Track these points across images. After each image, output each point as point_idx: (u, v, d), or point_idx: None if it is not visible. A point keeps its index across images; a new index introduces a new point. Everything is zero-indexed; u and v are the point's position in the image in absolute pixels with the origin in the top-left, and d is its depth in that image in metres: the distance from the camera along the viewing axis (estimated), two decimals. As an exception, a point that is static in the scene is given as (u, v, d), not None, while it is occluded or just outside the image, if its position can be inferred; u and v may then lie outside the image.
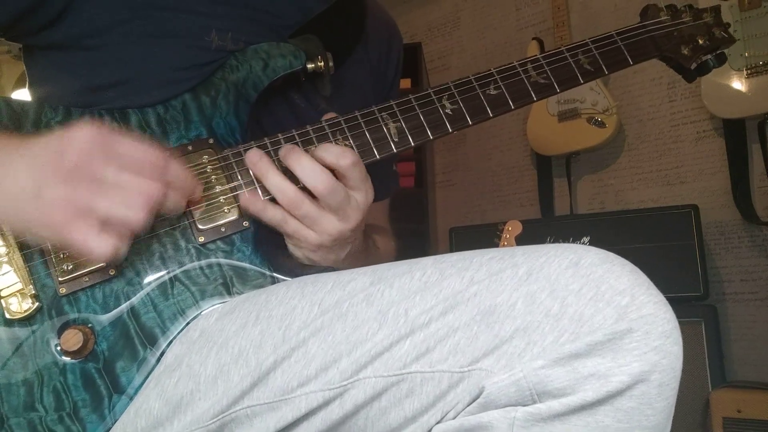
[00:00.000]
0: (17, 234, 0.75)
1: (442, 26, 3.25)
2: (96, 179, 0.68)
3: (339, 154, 0.83)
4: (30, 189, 0.67)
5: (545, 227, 2.37)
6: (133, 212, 0.69)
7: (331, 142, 0.87)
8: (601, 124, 2.47)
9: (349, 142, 0.87)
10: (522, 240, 1.92)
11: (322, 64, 0.93)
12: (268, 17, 0.96)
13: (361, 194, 0.86)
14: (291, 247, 0.89)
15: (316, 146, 0.85)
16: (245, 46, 0.92)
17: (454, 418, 0.63)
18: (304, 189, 0.83)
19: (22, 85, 0.99)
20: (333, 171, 0.83)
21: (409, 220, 2.94)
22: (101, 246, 0.68)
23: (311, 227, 0.84)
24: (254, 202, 0.83)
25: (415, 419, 0.64)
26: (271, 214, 0.84)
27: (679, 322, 0.61)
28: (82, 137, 0.68)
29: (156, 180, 0.71)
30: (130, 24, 0.88)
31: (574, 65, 0.98)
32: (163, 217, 0.80)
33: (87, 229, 0.68)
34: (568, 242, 0.67)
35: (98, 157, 0.68)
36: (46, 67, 0.93)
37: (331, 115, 0.90)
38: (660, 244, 2.13)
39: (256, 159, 0.83)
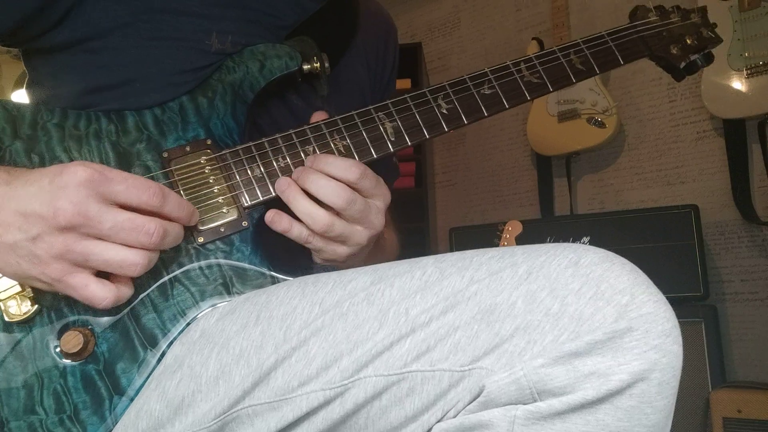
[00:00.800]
0: (17, 280, 0.74)
1: (442, 26, 3.26)
2: (92, 228, 0.68)
3: (344, 168, 0.84)
4: (24, 238, 0.67)
5: (545, 227, 2.37)
6: (132, 257, 0.70)
7: (331, 149, 0.87)
8: (601, 125, 2.47)
9: (347, 142, 0.88)
10: (522, 240, 1.92)
11: (318, 65, 0.94)
12: (266, 18, 0.97)
13: (379, 199, 0.88)
14: (318, 260, 0.90)
15: (316, 156, 0.86)
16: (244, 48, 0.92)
17: (454, 416, 0.63)
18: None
19: (22, 86, 0.99)
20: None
21: (409, 220, 2.94)
22: (101, 294, 0.69)
23: (344, 243, 0.86)
24: (280, 221, 0.85)
25: (415, 418, 0.64)
26: (297, 232, 0.85)
27: (679, 322, 0.61)
28: (75, 181, 0.67)
29: (153, 224, 0.71)
30: (132, 27, 0.88)
31: (566, 65, 1.00)
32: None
33: (85, 278, 0.69)
34: (568, 242, 0.67)
35: (93, 202, 0.68)
36: (45, 69, 0.93)
37: (321, 114, 0.91)
38: (660, 244, 2.13)
39: (284, 187, 0.85)
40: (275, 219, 0.85)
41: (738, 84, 2.16)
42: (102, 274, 0.71)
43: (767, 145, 2.20)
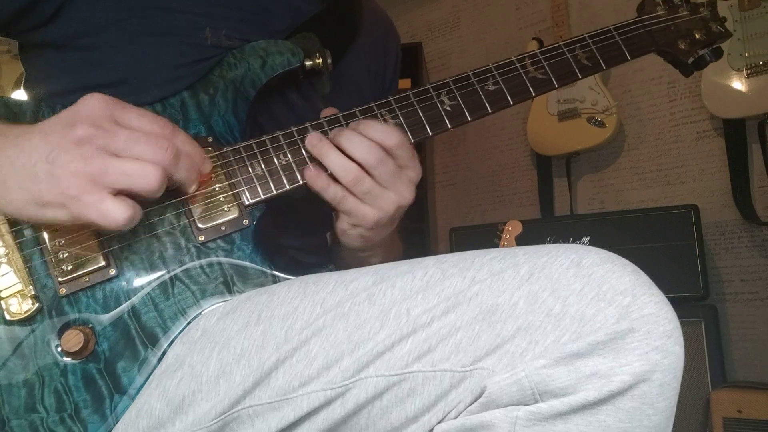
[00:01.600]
0: (33, 216, 0.72)
1: (442, 26, 3.26)
2: (107, 144, 0.68)
3: (385, 132, 0.85)
4: (43, 161, 0.67)
5: (545, 227, 2.37)
6: (147, 175, 0.69)
7: (303, 158, 0.87)
8: (601, 124, 2.47)
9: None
10: (522, 240, 1.92)
11: (321, 61, 0.93)
12: (260, 19, 0.97)
13: (412, 171, 0.89)
14: (346, 227, 0.90)
15: (357, 122, 0.86)
16: (239, 42, 0.92)
17: (455, 417, 0.63)
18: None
19: (21, 86, 1.00)
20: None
21: (409, 220, 2.94)
22: (117, 212, 0.67)
23: (371, 204, 0.86)
24: (317, 178, 0.85)
25: (416, 419, 0.64)
26: (333, 192, 0.85)
27: (680, 323, 0.62)
28: (91, 106, 0.69)
29: (166, 141, 0.71)
30: (126, 23, 0.88)
31: (571, 60, 0.99)
32: (162, 214, 0.80)
33: (102, 195, 0.67)
34: (568, 242, 0.67)
35: (108, 122, 0.69)
36: (42, 66, 0.93)
37: (330, 110, 0.91)
38: (660, 244, 2.13)
39: (315, 141, 0.85)
40: (314, 175, 0.85)
41: (738, 84, 2.16)
42: None
43: (767, 145, 2.19)
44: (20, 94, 1.00)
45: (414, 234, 2.93)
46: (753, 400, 1.85)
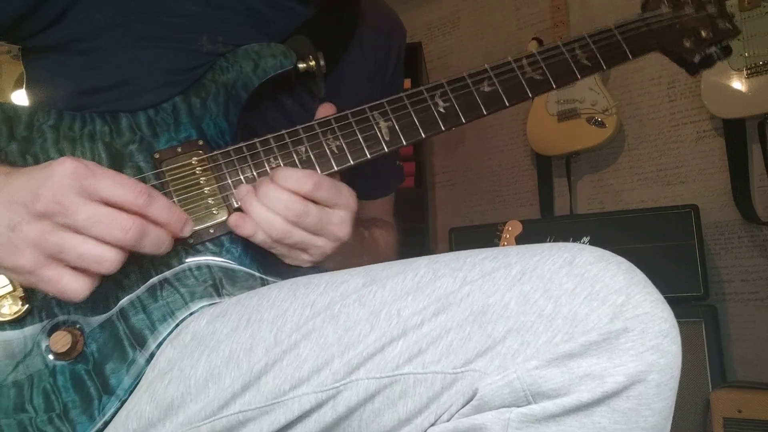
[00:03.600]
0: None
1: (442, 26, 3.26)
2: (67, 217, 0.66)
3: (298, 180, 0.81)
4: (5, 225, 0.67)
5: (545, 227, 2.37)
6: (102, 260, 0.68)
7: (324, 149, 0.86)
8: (600, 124, 2.47)
9: (340, 142, 0.87)
10: (522, 240, 1.91)
11: (314, 63, 0.92)
12: (259, 23, 0.96)
13: (341, 209, 0.85)
14: (286, 260, 0.88)
15: (275, 169, 0.83)
16: (235, 49, 0.91)
17: (448, 420, 0.62)
18: None
19: (21, 86, 1.00)
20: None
21: (409, 220, 2.94)
22: (73, 290, 0.68)
23: (304, 251, 0.84)
24: (243, 226, 0.82)
25: (408, 421, 0.63)
26: (261, 238, 0.82)
27: (679, 322, 0.61)
28: (61, 171, 0.67)
29: (130, 220, 0.69)
30: (124, 28, 0.88)
31: (570, 60, 0.96)
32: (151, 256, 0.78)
33: (59, 272, 0.68)
34: (567, 242, 0.66)
35: (73, 194, 0.67)
36: (41, 69, 0.93)
37: (327, 107, 0.90)
38: (660, 244, 2.12)
39: (243, 193, 0.82)
40: (239, 223, 0.82)
41: (738, 84, 2.16)
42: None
43: (767, 145, 2.19)
44: (20, 95, 1.00)
45: (414, 234, 2.93)
46: (753, 400, 1.85)
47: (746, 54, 2.14)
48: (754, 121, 2.22)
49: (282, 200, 0.80)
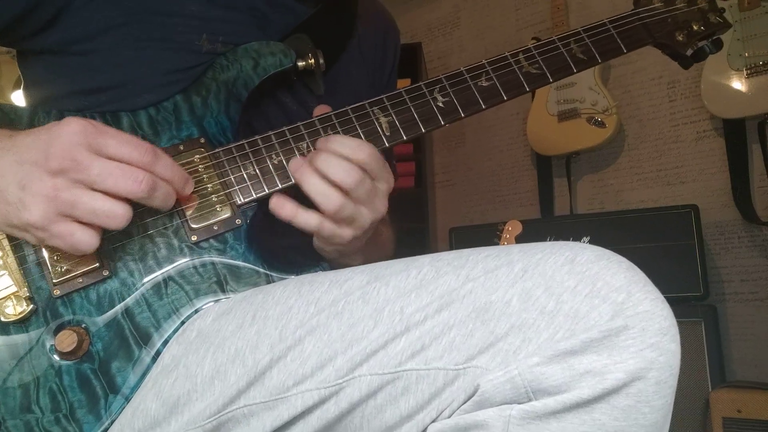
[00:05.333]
0: (5, 231, 0.75)
1: (442, 26, 3.26)
2: (80, 177, 0.68)
3: (355, 147, 0.83)
4: (15, 186, 0.68)
5: (545, 227, 2.37)
6: (114, 215, 0.70)
7: (340, 133, 0.87)
8: (601, 124, 2.47)
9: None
10: (522, 240, 1.92)
11: (313, 61, 0.93)
12: (259, 22, 0.97)
13: (384, 183, 0.87)
14: (320, 244, 0.89)
15: (327, 137, 0.85)
16: (235, 48, 0.92)
17: (449, 416, 0.63)
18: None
19: (21, 86, 1.00)
20: None
21: (409, 220, 2.94)
22: (84, 241, 0.69)
23: (348, 225, 0.85)
24: (283, 207, 0.83)
25: (410, 417, 0.64)
26: (304, 220, 0.84)
27: (679, 322, 0.61)
28: (69, 130, 0.68)
29: (142, 173, 0.70)
30: (124, 28, 0.88)
31: (566, 54, 0.98)
32: (155, 214, 0.80)
33: (70, 227, 0.69)
34: (569, 241, 0.67)
35: (84, 150, 0.68)
36: (39, 71, 0.93)
37: (323, 108, 0.91)
38: (660, 244, 2.12)
39: (297, 166, 0.84)
40: (278, 204, 0.83)
41: (738, 84, 2.16)
42: None
43: (767, 145, 2.19)
44: (19, 96, 1.00)
45: (414, 234, 2.93)
46: (752, 400, 1.85)
47: (746, 54, 2.14)
48: (754, 121, 2.23)
49: (343, 167, 0.81)
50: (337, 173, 0.81)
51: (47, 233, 0.69)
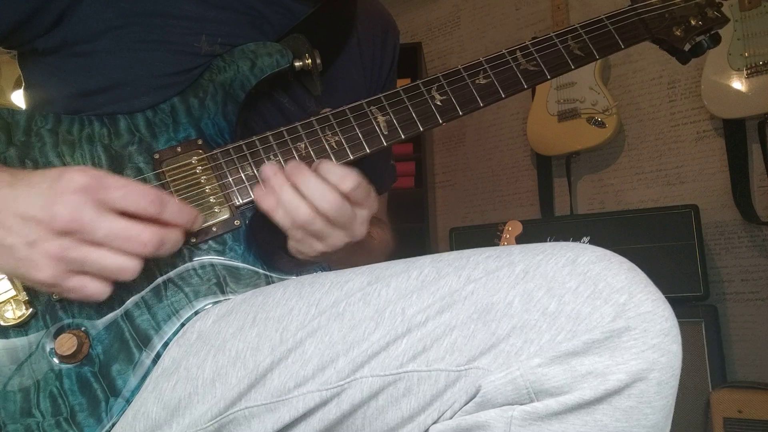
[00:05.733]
0: (18, 280, 0.76)
1: (442, 26, 3.26)
2: (86, 234, 0.67)
3: (341, 176, 0.81)
4: (23, 245, 0.67)
5: (545, 227, 2.37)
6: (125, 271, 0.70)
7: (323, 144, 0.86)
8: (601, 124, 2.47)
9: (339, 137, 0.87)
10: (522, 240, 1.91)
11: (310, 62, 0.93)
12: (257, 22, 0.96)
13: (366, 210, 0.85)
14: (293, 247, 0.88)
15: (317, 162, 0.84)
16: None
17: (451, 417, 0.63)
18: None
19: (21, 87, 1.00)
20: None
21: (409, 220, 2.94)
22: (97, 292, 0.70)
23: (320, 239, 0.84)
24: (265, 199, 0.82)
25: (412, 419, 0.64)
26: (281, 217, 0.82)
27: (679, 322, 0.61)
28: (72, 187, 0.67)
29: (148, 233, 0.70)
30: (123, 30, 0.88)
31: (563, 51, 0.97)
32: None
33: (82, 281, 0.69)
34: (571, 242, 0.67)
35: (89, 209, 0.67)
36: (39, 73, 0.93)
37: (328, 110, 0.90)
38: (660, 244, 2.12)
39: (270, 174, 0.82)
40: (262, 196, 0.82)
41: (738, 84, 2.16)
42: None
43: (767, 145, 2.19)
44: (20, 95, 0.99)
45: (414, 234, 2.93)
46: (753, 400, 1.85)
47: (746, 54, 2.14)
48: (754, 121, 2.23)
49: (320, 191, 0.80)
50: (315, 196, 0.80)
51: (59, 288, 0.69)
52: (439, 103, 0.91)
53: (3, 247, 0.68)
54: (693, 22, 1.07)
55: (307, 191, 0.80)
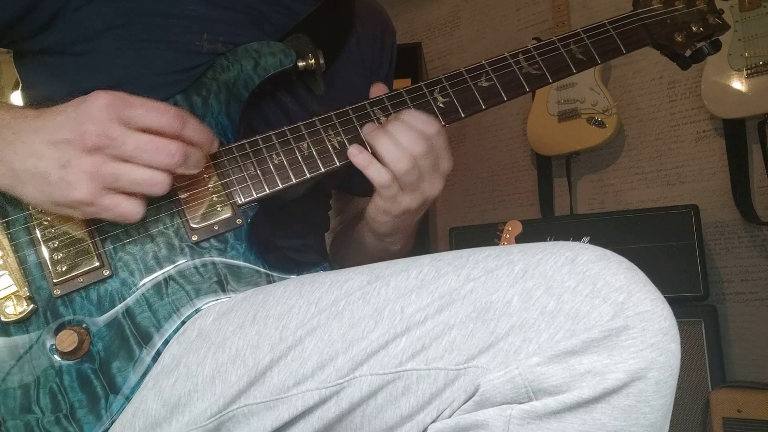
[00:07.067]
0: (50, 210, 0.76)
1: (442, 26, 3.25)
2: (117, 152, 0.70)
3: (425, 122, 0.86)
4: (55, 167, 0.69)
5: (545, 227, 2.37)
6: (156, 183, 0.72)
7: (326, 145, 0.87)
8: (601, 124, 2.47)
9: (342, 138, 0.88)
10: (522, 240, 1.91)
11: (313, 61, 0.93)
12: (257, 22, 0.96)
13: (445, 162, 0.90)
14: (376, 210, 0.92)
15: (400, 110, 0.88)
16: (235, 48, 0.92)
17: (449, 416, 0.63)
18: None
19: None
20: None
21: (408, 221, 2.93)
22: (131, 210, 0.72)
23: (409, 193, 0.87)
24: (359, 155, 0.86)
25: (411, 417, 0.64)
26: (375, 172, 0.86)
27: (679, 322, 0.61)
28: (98, 105, 0.70)
29: (174, 144, 0.72)
30: (123, 29, 0.88)
31: (566, 55, 0.98)
32: (156, 214, 0.81)
33: (116, 198, 0.71)
34: (570, 241, 0.67)
35: (117, 127, 0.70)
36: (37, 72, 0.94)
37: (381, 87, 0.94)
38: (660, 244, 2.12)
39: (371, 128, 0.87)
40: (355, 151, 0.86)
41: (738, 84, 2.16)
42: None
43: (767, 145, 2.19)
44: (19, 97, 0.99)
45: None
46: (752, 400, 1.85)
47: (746, 54, 2.14)
48: (754, 121, 2.22)
49: (413, 135, 0.85)
50: (407, 140, 0.84)
51: (95, 207, 0.71)
52: (441, 104, 0.91)
53: (37, 175, 0.70)
54: (694, 28, 1.08)
55: (401, 137, 0.85)
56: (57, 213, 0.76)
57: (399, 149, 0.84)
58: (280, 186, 0.85)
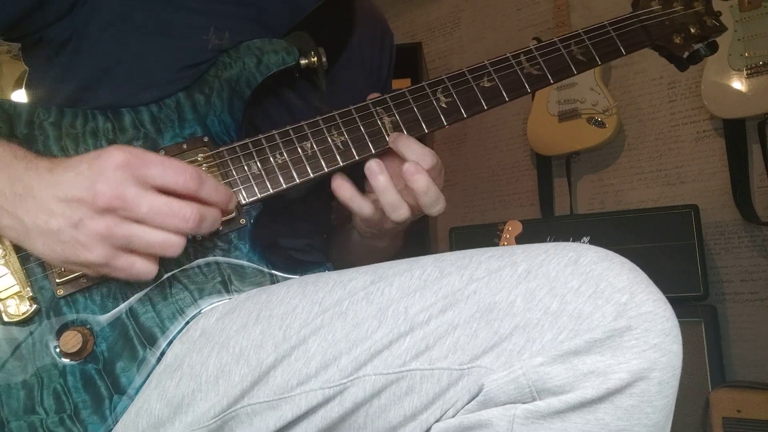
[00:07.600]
0: (60, 266, 0.75)
1: (442, 26, 3.25)
2: (130, 211, 0.67)
3: (426, 155, 0.88)
4: (68, 227, 0.67)
5: (545, 227, 2.37)
6: (170, 246, 0.70)
7: (329, 144, 0.88)
8: (601, 124, 2.47)
9: (345, 137, 0.88)
10: (522, 240, 1.91)
11: (315, 59, 0.93)
12: (264, 16, 0.97)
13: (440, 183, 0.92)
14: (360, 224, 0.94)
15: (395, 136, 0.89)
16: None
17: (453, 416, 0.63)
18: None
19: (22, 86, 1.00)
20: None
21: (409, 220, 2.93)
22: (145, 271, 0.70)
23: (422, 205, 0.89)
24: (341, 187, 0.89)
25: (414, 417, 0.64)
26: (358, 205, 0.89)
27: (679, 322, 0.62)
28: (113, 164, 0.67)
29: (189, 208, 0.70)
30: (130, 22, 0.88)
31: (566, 56, 0.99)
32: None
33: (130, 259, 0.69)
34: (572, 242, 0.67)
35: (130, 185, 0.67)
36: (43, 66, 0.93)
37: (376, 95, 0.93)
38: (660, 244, 2.12)
39: (395, 136, 0.89)
40: (339, 186, 0.89)
41: (738, 84, 2.16)
42: None
43: (767, 145, 2.19)
44: (21, 95, 0.99)
45: (414, 234, 2.92)
46: (752, 400, 1.85)
47: (746, 54, 2.15)
48: (754, 121, 2.23)
49: (426, 150, 0.89)
50: (419, 152, 0.88)
51: (109, 268, 0.69)
52: (444, 105, 0.92)
53: (49, 233, 0.68)
54: (692, 30, 1.09)
55: (407, 151, 0.88)
56: (68, 269, 0.75)
57: (424, 149, 0.88)
58: (284, 185, 0.85)
